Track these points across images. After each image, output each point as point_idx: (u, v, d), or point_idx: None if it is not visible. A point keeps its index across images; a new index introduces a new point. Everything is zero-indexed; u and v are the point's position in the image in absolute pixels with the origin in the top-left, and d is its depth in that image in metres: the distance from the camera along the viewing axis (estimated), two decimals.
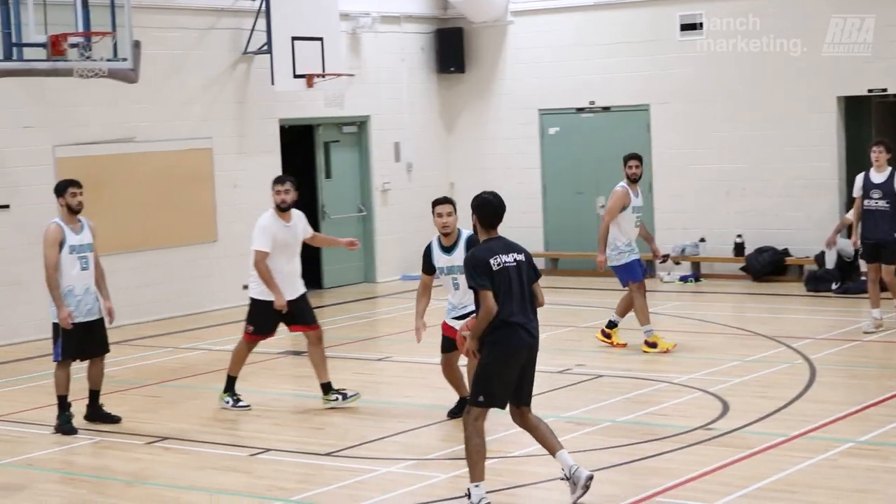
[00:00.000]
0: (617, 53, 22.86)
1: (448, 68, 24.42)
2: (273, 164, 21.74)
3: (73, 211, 12.91)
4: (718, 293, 20.73)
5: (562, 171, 23.53)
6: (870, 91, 20.79)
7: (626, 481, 10.27)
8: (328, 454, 11.51)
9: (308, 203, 22.89)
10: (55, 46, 16.51)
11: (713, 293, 20.79)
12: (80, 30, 16.57)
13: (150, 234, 19.87)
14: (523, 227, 23.89)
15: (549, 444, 9.69)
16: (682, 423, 11.96)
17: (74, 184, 13.00)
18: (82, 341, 12.86)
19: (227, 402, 13.51)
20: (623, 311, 16.01)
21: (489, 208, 9.71)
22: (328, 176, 23.04)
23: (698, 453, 10.95)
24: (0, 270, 18.24)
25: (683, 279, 21.88)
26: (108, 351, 13.29)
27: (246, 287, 19.56)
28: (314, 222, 22.81)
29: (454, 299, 12.00)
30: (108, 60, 16.93)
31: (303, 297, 13.55)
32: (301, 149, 22.94)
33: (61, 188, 12.99)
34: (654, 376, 14.11)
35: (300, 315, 13.48)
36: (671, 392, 13.39)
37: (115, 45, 17.24)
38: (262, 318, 13.48)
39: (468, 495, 9.37)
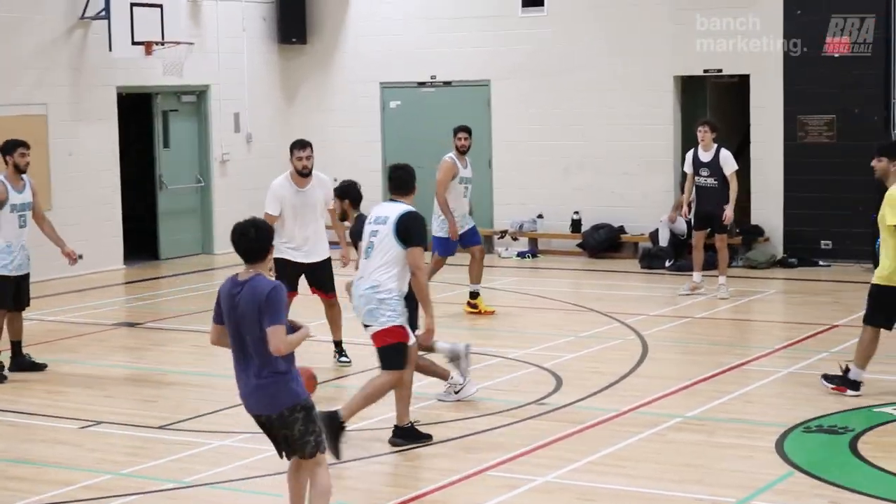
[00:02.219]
0: (459, 28, 22.90)
1: (290, 39, 24.23)
2: (110, 132, 21.41)
3: (19, 170, 13.32)
4: (555, 269, 20.93)
5: (402, 145, 23.48)
6: (705, 71, 21.14)
7: (459, 455, 10.34)
8: (160, 427, 11.40)
9: (145, 173, 22.64)
10: None
11: (550, 269, 20.99)
12: None
13: None
14: (364, 200, 23.84)
15: None
16: (516, 398, 12.07)
17: (24, 144, 13.46)
18: (15, 295, 13.33)
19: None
20: (477, 277, 16.33)
21: None
22: (166, 146, 22.73)
23: (531, 428, 11.07)
24: None
25: (521, 255, 22.05)
26: (29, 305, 13.79)
27: (80, 257, 19.24)
28: (151, 193, 22.58)
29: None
30: None
31: (324, 264, 13.41)
32: (139, 117, 22.62)
33: (10, 147, 13.41)
34: (489, 351, 14.19)
35: (318, 281, 13.47)
36: (505, 367, 13.50)
37: None
38: (286, 278, 12.95)
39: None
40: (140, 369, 14.05)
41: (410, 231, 10.32)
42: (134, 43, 20.36)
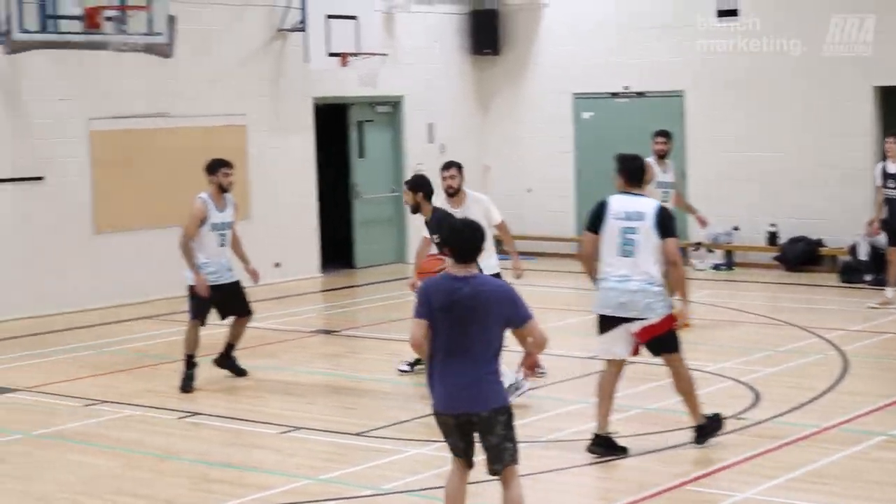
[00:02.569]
0: (652, 38, 22.73)
1: (482, 50, 24.34)
2: (307, 143, 21.76)
3: (222, 190, 13.52)
4: (752, 282, 20.59)
5: (595, 155, 23.39)
6: None
7: (656, 469, 10.24)
8: (358, 434, 11.51)
9: (341, 182, 22.94)
10: (91, 19, 16.49)
11: (746, 282, 20.65)
12: (116, 3, 16.56)
13: (183, 209, 19.83)
14: (555, 210, 23.89)
15: None
16: (714, 412, 11.89)
17: (227, 164, 13.62)
18: (219, 303, 13.53)
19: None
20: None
21: None
22: (361, 155, 23.01)
23: (729, 443, 10.89)
24: (31, 241, 18.28)
25: (716, 267, 21.78)
26: (250, 312, 13.82)
27: (278, 265, 19.65)
28: (347, 202, 22.87)
29: None
30: (144, 35, 16.93)
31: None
32: (335, 128, 22.92)
33: (214, 167, 13.57)
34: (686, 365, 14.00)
35: None
36: (703, 381, 13.23)
37: (150, 20, 17.24)
38: None
39: None
40: (338, 376, 14.21)
41: (667, 223, 10.54)
42: (330, 54, 20.64)
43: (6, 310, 17.85)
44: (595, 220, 10.72)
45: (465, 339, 7.77)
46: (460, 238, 7.91)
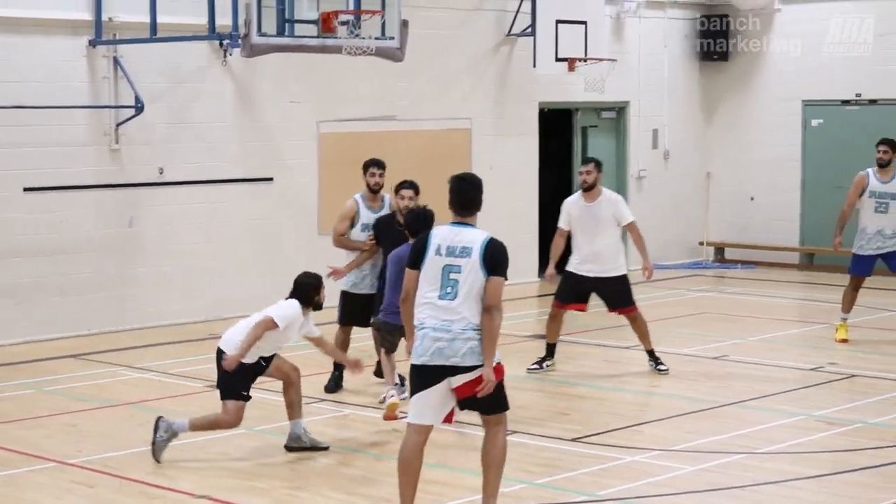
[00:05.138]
0: (887, 45, 22.24)
1: (711, 56, 24.11)
2: (530, 147, 21.87)
3: (371, 189, 13.48)
4: None
5: (823, 164, 23.00)
6: None
7: (878, 485, 10.01)
8: (573, 440, 11.52)
9: (562, 187, 22.96)
10: (326, 23, 16.74)
11: None
12: (351, 7, 16.85)
13: None
14: (780, 219, 23.54)
15: None
16: None
17: (375, 164, 13.55)
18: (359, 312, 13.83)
19: None
20: None
21: None
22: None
23: None
24: (259, 240, 18.74)
25: None
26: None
27: None
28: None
29: None
30: (377, 39, 17.17)
31: (614, 280, 14.33)
32: (558, 132, 22.96)
33: (364, 167, 13.59)
34: None
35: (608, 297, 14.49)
36: None
37: (383, 24, 17.47)
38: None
39: None
40: (552, 381, 14.23)
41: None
42: (557, 59, 20.64)
43: (234, 306, 18.31)
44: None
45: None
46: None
